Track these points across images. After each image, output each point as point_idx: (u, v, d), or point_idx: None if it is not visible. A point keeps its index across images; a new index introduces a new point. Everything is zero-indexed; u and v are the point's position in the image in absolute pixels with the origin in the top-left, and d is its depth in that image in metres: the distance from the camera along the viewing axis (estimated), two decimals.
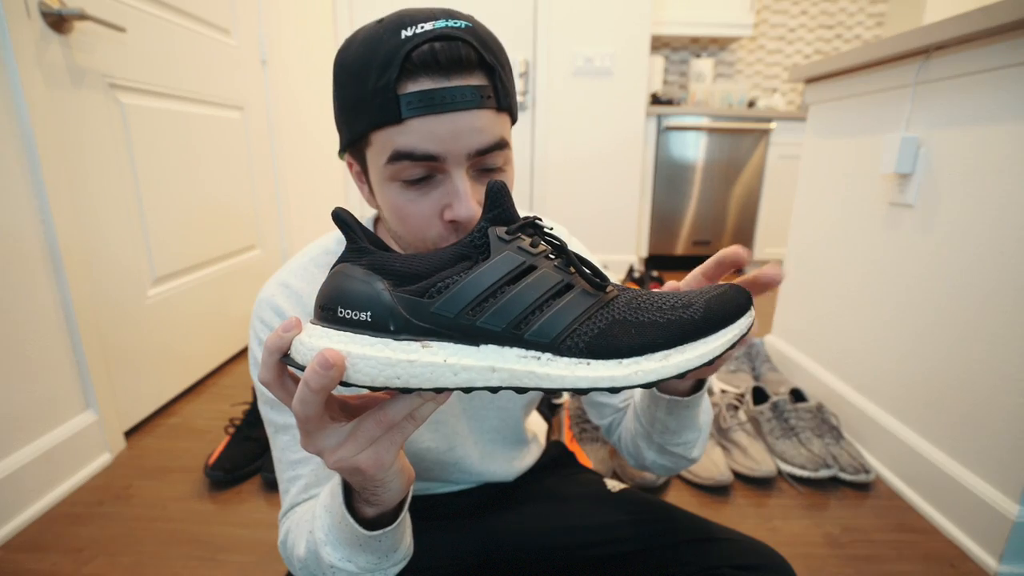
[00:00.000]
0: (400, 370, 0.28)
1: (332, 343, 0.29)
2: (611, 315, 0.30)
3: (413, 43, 0.38)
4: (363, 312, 0.29)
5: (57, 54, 1.05)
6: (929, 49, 1.02)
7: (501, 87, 0.41)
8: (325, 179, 2.53)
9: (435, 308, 0.29)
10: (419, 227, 0.43)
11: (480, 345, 0.29)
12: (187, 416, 1.38)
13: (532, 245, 0.32)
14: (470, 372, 0.29)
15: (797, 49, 3.37)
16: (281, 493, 0.53)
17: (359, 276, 0.30)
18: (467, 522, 0.64)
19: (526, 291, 0.30)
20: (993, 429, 0.90)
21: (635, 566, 0.59)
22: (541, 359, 0.29)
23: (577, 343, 0.29)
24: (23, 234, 0.98)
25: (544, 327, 0.29)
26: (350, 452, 0.32)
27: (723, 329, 0.31)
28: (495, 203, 0.32)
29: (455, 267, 0.30)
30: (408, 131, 0.39)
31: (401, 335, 0.29)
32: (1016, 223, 0.86)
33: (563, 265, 0.32)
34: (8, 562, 0.89)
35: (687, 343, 0.30)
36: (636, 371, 0.29)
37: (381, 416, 0.31)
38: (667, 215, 2.97)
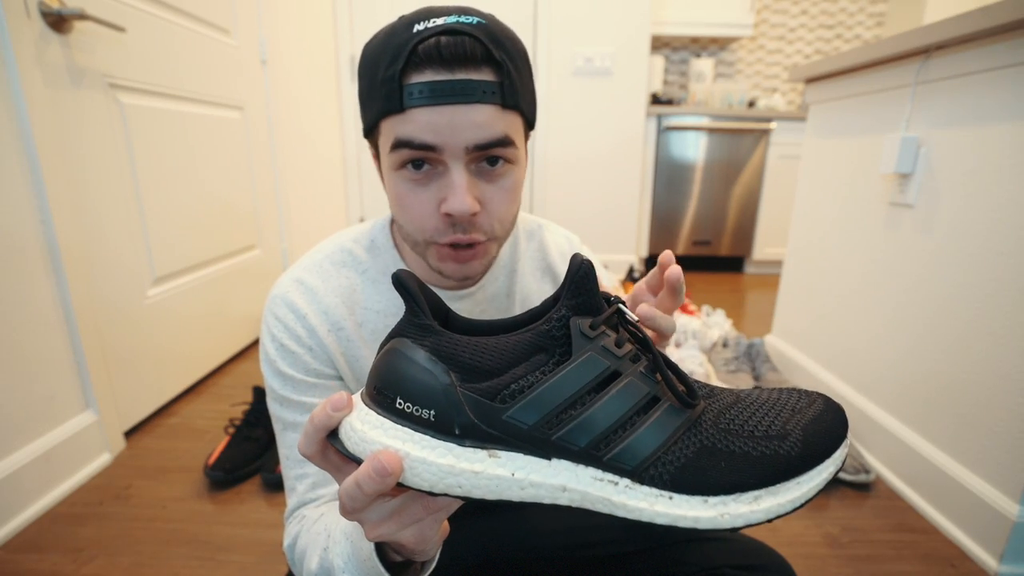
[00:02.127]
0: (463, 480, 0.26)
1: (388, 439, 0.26)
2: (699, 440, 0.27)
3: (421, 36, 0.38)
4: (426, 410, 0.27)
5: (57, 54, 1.05)
6: (929, 49, 1.02)
7: (510, 85, 0.41)
8: (325, 179, 2.53)
9: (508, 416, 0.26)
10: (418, 218, 0.43)
11: (552, 459, 0.27)
12: (187, 416, 1.38)
13: (617, 344, 0.28)
14: (539, 489, 0.26)
15: (797, 49, 3.37)
16: (287, 491, 0.53)
17: (422, 363, 0.27)
18: (467, 522, 0.64)
19: (610, 404, 0.27)
20: (993, 429, 0.89)
21: (635, 566, 0.59)
22: (619, 485, 0.26)
23: (661, 473, 0.26)
24: (23, 234, 0.98)
25: (628, 450, 0.26)
26: (392, 529, 0.30)
27: (819, 466, 0.27)
28: (579, 289, 0.28)
29: (530, 362, 0.27)
30: (409, 120, 0.40)
31: (466, 440, 0.26)
32: (1016, 223, 0.86)
33: (649, 371, 0.29)
34: (8, 562, 0.89)
35: (780, 483, 0.26)
36: (723, 513, 0.26)
37: (429, 503, 0.30)
38: (667, 215, 2.97)
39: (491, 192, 0.43)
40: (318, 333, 0.50)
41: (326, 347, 0.50)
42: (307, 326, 0.50)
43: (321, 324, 0.50)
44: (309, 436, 0.30)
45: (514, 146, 0.43)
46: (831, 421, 0.28)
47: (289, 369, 0.50)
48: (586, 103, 2.67)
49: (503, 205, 0.44)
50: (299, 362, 0.50)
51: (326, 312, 0.51)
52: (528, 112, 0.45)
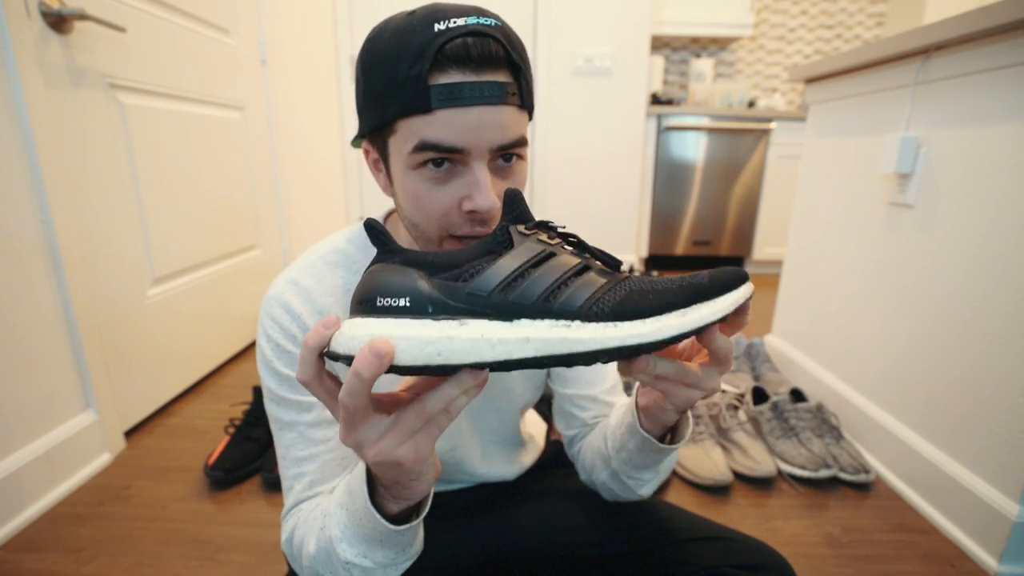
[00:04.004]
0: (441, 346, 0.30)
1: (374, 330, 0.30)
2: (628, 287, 0.33)
3: (447, 36, 0.39)
4: (402, 298, 0.31)
5: (57, 54, 1.05)
6: (929, 49, 1.02)
7: (526, 86, 0.43)
8: (325, 179, 2.53)
9: (469, 289, 0.31)
10: (437, 215, 0.43)
11: (513, 320, 0.31)
12: (187, 416, 1.38)
13: (549, 239, 0.35)
14: (506, 344, 0.31)
15: (797, 49, 3.37)
16: (284, 490, 0.53)
17: (395, 269, 0.33)
18: (467, 521, 0.64)
19: (549, 271, 0.33)
20: (993, 429, 0.90)
21: (635, 566, 0.59)
22: (572, 326, 0.32)
23: (603, 309, 0.32)
24: (23, 234, 0.98)
25: (570, 298, 0.32)
26: (391, 444, 0.33)
27: (729, 292, 0.34)
28: (513, 207, 0.35)
29: (483, 258, 0.33)
30: (436, 122, 0.40)
31: (439, 315, 0.31)
32: (1015, 223, 0.86)
33: (579, 252, 0.35)
34: (8, 562, 0.89)
35: (699, 302, 0.33)
36: (660, 327, 0.32)
37: (420, 408, 0.32)
38: (667, 215, 2.97)
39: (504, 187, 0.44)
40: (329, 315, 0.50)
41: None
42: (302, 326, 0.50)
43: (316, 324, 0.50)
44: (305, 360, 0.32)
45: (527, 144, 0.45)
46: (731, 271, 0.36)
47: (285, 369, 0.50)
48: (586, 103, 2.67)
49: None
50: (295, 361, 0.50)
51: (321, 312, 0.51)
52: (532, 109, 0.47)
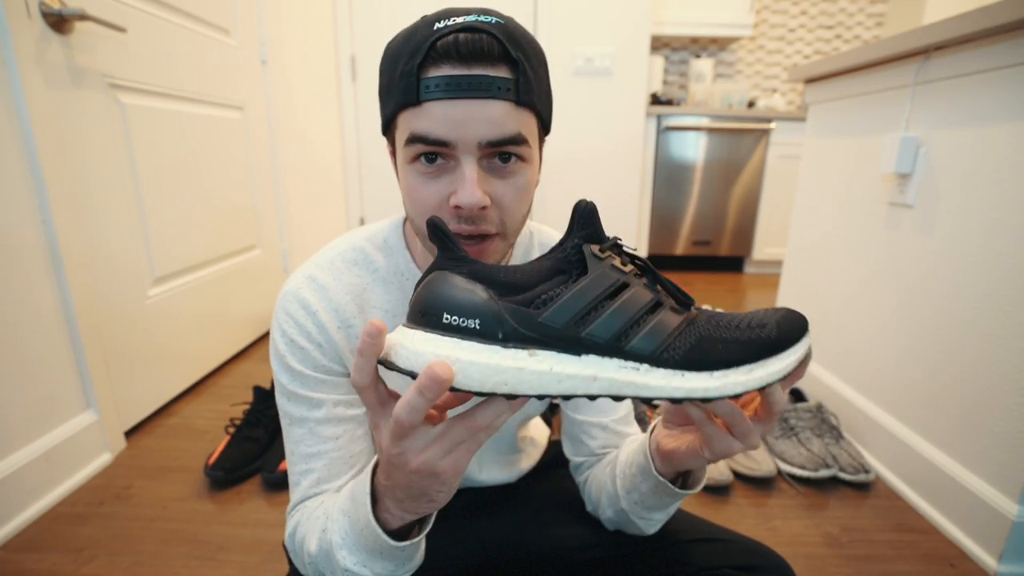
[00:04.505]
0: (509, 376, 0.29)
1: (440, 349, 0.30)
2: (698, 331, 0.33)
3: (440, 33, 0.40)
4: (471, 320, 0.30)
5: (57, 54, 1.05)
6: (929, 49, 1.02)
7: (524, 83, 0.42)
8: (325, 179, 2.53)
9: (542, 319, 0.31)
10: (427, 210, 0.43)
11: (582, 355, 0.31)
12: (187, 416, 1.38)
13: (622, 264, 0.34)
14: (574, 380, 0.30)
15: (797, 49, 3.37)
16: (291, 486, 0.53)
17: (462, 284, 0.31)
18: (467, 522, 0.64)
19: (624, 307, 0.32)
20: (992, 429, 0.90)
21: (635, 567, 0.59)
22: (640, 370, 0.31)
23: (673, 356, 0.32)
24: (23, 234, 0.98)
25: (643, 341, 0.32)
26: (436, 455, 0.33)
27: (793, 347, 0.34)
28: (586, 222, 0.34)
29: (554, 280, 0.32)
30: (424, 114, 0.41)
31: (508, 343, 0.30)
32: (1015, 223, 0.86)
33: (651, 284, 0.35)
34: (8, 562, 0.89)
35: (765, 359, 0.33)
36: (726, 383, 0.32)
37: (471, 422, 0.32)
38: (667, 215, 2.97)
39: (502, 188, 0.44)
40: (328, 330, 0.50)
41: (335, 344, 0.51)
42: (317, 322, 0.50)
43: (331, 321, 0.51)
44: (361, 367, 0.32)
45: (527, 144, 0.43)
46: (795, 318, 0.36)
47: (298, 364, 0.50)
48: (586, 103, 2.67)
49: (513, 202, 0.45)
50: (308, 358, 0.50)
51: (336, 309, 0.51)
52: (543, 113, 0.46)
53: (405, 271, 0.54)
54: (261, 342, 1.90)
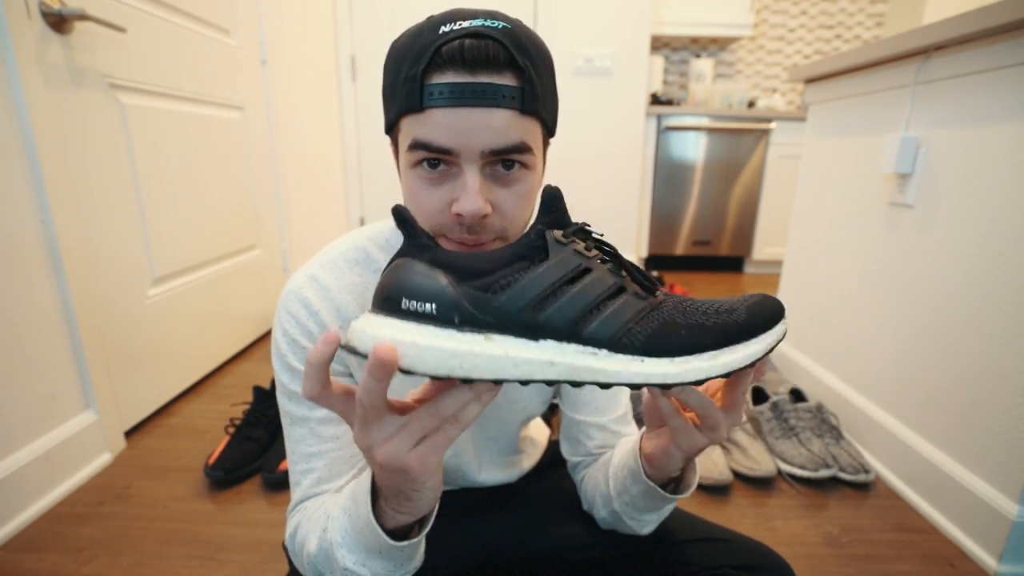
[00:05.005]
0: (464, 361, 0.29)
1: (397, 333, 0.30)
2: (662, 317, 0.32)
3: (446, 38, 0.39)
4: (428, 304, 0.30)
5: (57, 54, 1.05)
6: (929, 49, 1.02)
7: (530, 91, 0.41)
8: (325, 179, 2.53)
9: (498, 303, 0.30)
10: (429, 216, 0.43)
11: (539, 340, 0.31)
12: (187, 416, 1.38)
13: (586, 249, 0.33)
14: (530, 365, 0.30)
15: (797, 49, 3.37)
16: (292, 485, 0.53)
17: (422, 270, 0.31)
18: (468, 522, 0.64)
19: (584, 291, 0.31)
20: (992, 429, 0.90)
21: (635, 567, 0.59)
22: (598, 355, 0.31)
23: (632, 341, 0.31)
24: (23, 234, 0.98)
25: (601, 325, 0.31)
26: (402, 446, 0.32)
27: (763, 334, 0.33)
28: (550, 208, 0.33)
29: (514, 266, 0.32)
30: (428, 121, 0.40)
31: (465, 327, 0.30)
32: (1015, 223, 0.86)
33: (615, 269, 0.34)
34: (8, 562, 0.89)
35: (732, 345, 0.32)
36: (687, 368, 0.31)
37: (434, 409, 0.32)
38: (667, 215, 2.97)
39: (504, 196, 0.43)
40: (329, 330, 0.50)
41: None
42: (319, 322, 0.50)
43: (333, 321, 0.51)
44: (309, 376, 0.31)
45: (531, 152, 0.43)
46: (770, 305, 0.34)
47: (299, 364, 0.50)
48: (586, 103, 2.67)
49: (515, 210, 0.44)
50: None
51: (338, 309, 0.51)
52: (548, 119, 0.45)
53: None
54: (261, 342, 1.90)
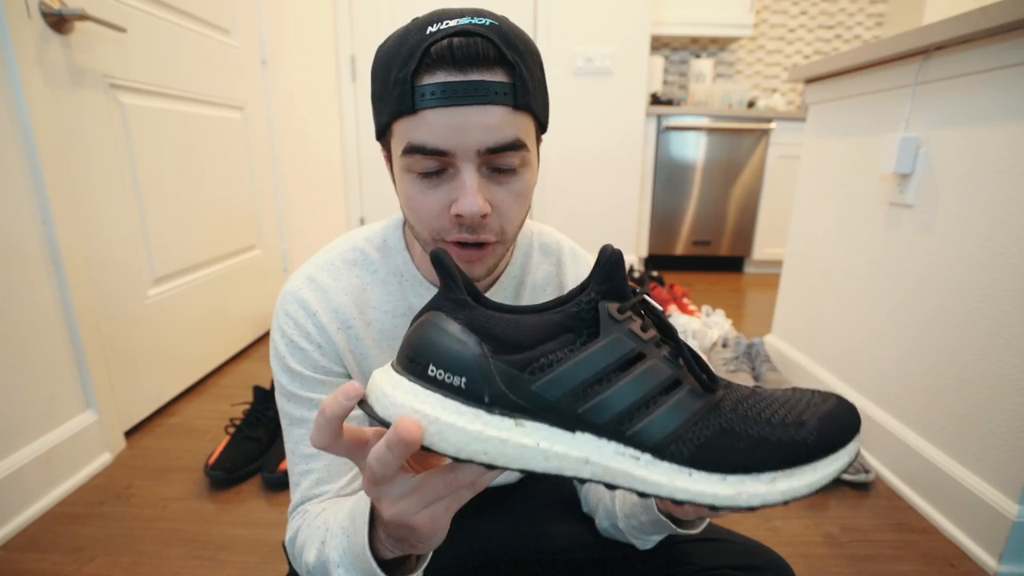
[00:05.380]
0: (490, 447, 0.26)
1: (419, 403, 0.27)
2: (719, 422, 0.28)
3: (434, 38, 0.38)
4: (458, 377, 0.27)
5: (58, 54, 1.05)
6: (928, 49, 1.02)
7: (521, 86, 0.40)
8: (325, 179, 2.53)
9: (536, 387, 0.27)
10: (428, 219, 0.43)
11: (576, 432, 0.27)
12: (187, 416, 1.38)
13: (643, 328, 0.29)
14: (562, 460, 0.27)
15: (797, 49, 3.37)
16: (292, 486, 0.53)
17: (455, 334, 0.28)
18: (469, 523, 0.64)
19: (634, 384, 0.28)
20: (992, 428, 0.90)
21: (635, 566, 0.59)
22: (640, 460, 0.27)
23: (682, 450, 0.27)
24: (23, 234, 0.98)
25: (649, 427, 0.27)
26: (412, 508, 0.31)
27: (834, 454, 0.28)
28: (608, 275, 0.29)
29: (559, 339, 0.28)
30: (421, 123, 0.40)
31: (495, 408, 0.27)
32: (1015, 223, 0.86)
33: (672, 356, 0.30)
34: (8, 562, 0.89)
35: (796, 467, 0.28)
36: (740, 492, 0.27)
37: (451, 479, 0.30)
38: (667, 215, 2.97)
39: (501, 194, 0.43)
40: (328, 331, 0.50)
41: (335, 345, 0.51)
42: (317, 323, 0.50)
43: (331, 322, 0.51)
44: (321, 427, 0.29)
45: (526, 148, 0.43)
46: (845, 415, 0.30)
47: (298, 365, 0.50)
48: (586, 103, 2.68)
49: (513, 208, 0.44)
50: (308, 359, 0.50)
51: (336, 310, 0.51)
52: (540, 114, 0.45)
53: (405, 272, 0.54)
54: (261, 342, 1.90)
